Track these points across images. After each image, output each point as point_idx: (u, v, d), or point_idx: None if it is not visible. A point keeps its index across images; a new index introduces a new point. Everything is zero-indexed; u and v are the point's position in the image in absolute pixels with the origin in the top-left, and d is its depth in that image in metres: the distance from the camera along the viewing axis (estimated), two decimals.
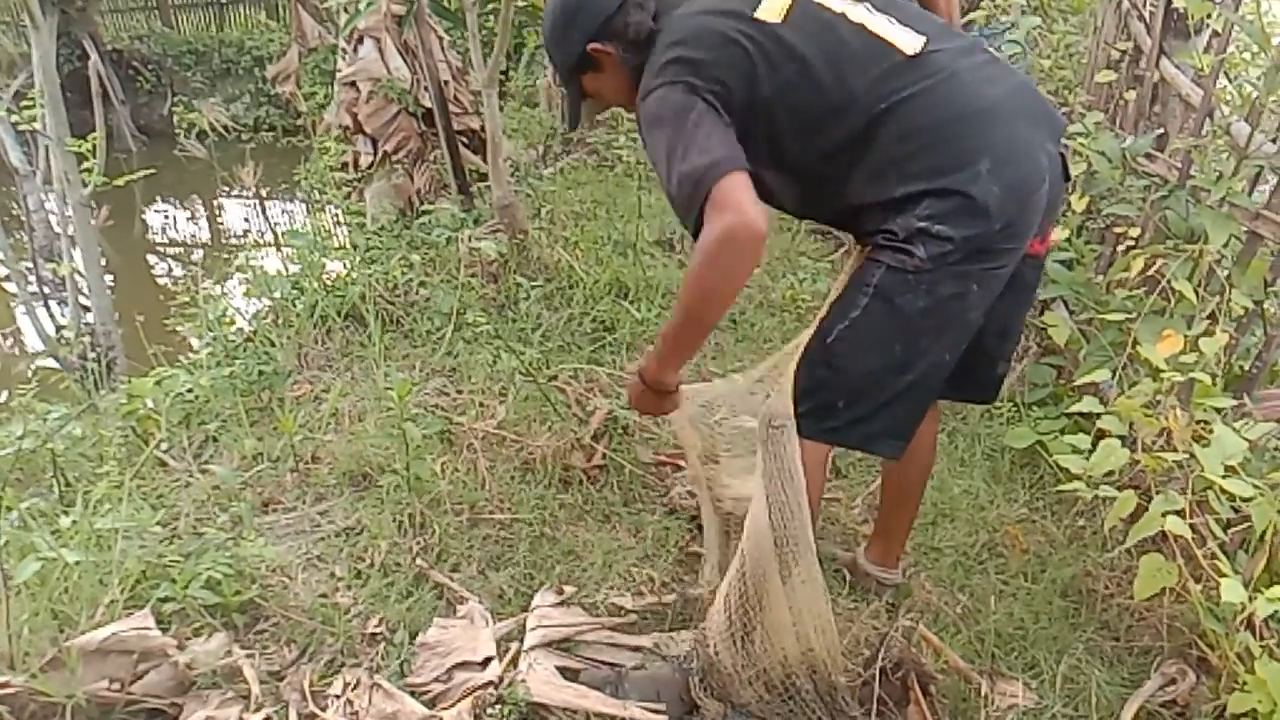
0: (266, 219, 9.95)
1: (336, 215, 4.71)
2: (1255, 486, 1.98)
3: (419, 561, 2.39)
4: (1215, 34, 2.84)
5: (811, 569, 1.87)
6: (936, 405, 2.25)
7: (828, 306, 1.85)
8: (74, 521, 2.35)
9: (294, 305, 3.61)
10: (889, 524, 2.39)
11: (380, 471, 2.71)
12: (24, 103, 4.15)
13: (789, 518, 1.81)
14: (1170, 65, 3.16)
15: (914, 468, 2.30)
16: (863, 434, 1.90)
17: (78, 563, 2.14)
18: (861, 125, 1.73)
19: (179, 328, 3.71)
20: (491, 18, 5.29)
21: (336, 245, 4.65)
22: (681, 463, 2.91)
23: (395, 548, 2.44)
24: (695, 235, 1.68)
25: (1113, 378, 2.67)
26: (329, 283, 3.81)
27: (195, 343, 3.73)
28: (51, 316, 4.37)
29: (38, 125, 4.00)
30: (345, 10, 5.27)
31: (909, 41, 1.76)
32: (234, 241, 9.90)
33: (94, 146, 3.60)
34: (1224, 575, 1.95)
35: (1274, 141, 2.61)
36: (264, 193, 9.79)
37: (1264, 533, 1.95)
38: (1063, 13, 5.13)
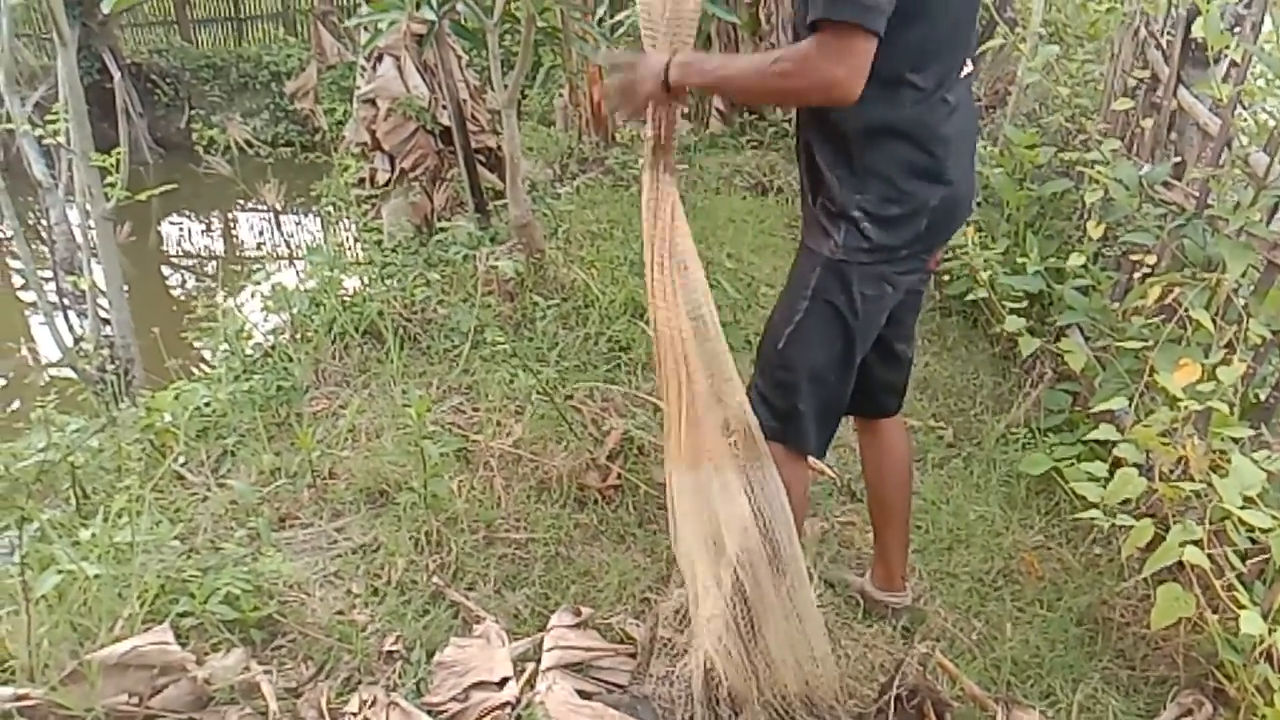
0: (283, 234, 10.01)
1: (354, 231, 4.74)
2: (1274, 517, 1.98)
3: (435, 580, 2.40)
4: (1234, 64, 2.85)
5: (806, 600, 1.90)
6: (904, 421, 2.37)
7: (772, 314, 2.01)
8: (93, 534, 2.37)
9: (312, 321, 3.63)
10: (884, 546, 2.40)
11: (397, 489, 2.72)
12: (48, 116, 4.20)
13: (781, 545, 1.85)
14: (1188, 94, 3.17)
15: (891, 486, 2.33)
16: (805, 432, 1.99)
17: (97, 576, 2.15)
18: (929, 91, 1.81)
19: (197, 343, 3.73)
20: (508, 37, 5.34)
21: (354, 261, 4.68)
22: None
23: (412, 565, 2.45)
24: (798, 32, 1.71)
25: (1130, 405, 2.67)
26: (347, 299, 3.83)
27: (211, 356, 3.75)
28: (70, 327, 4.41)
29: (61, 139, 4.04)
30: (365, 29, 5.31)
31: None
32: (250, 255, 9.96)
33: (117, 161, 3.64)
34: (1243, 607, 1.95)
35: None
36: (281, 207, 9.85)
37: None
38: (1078, 39, 5.16)
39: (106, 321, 4.11)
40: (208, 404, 3.18)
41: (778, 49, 1.80)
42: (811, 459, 2.12)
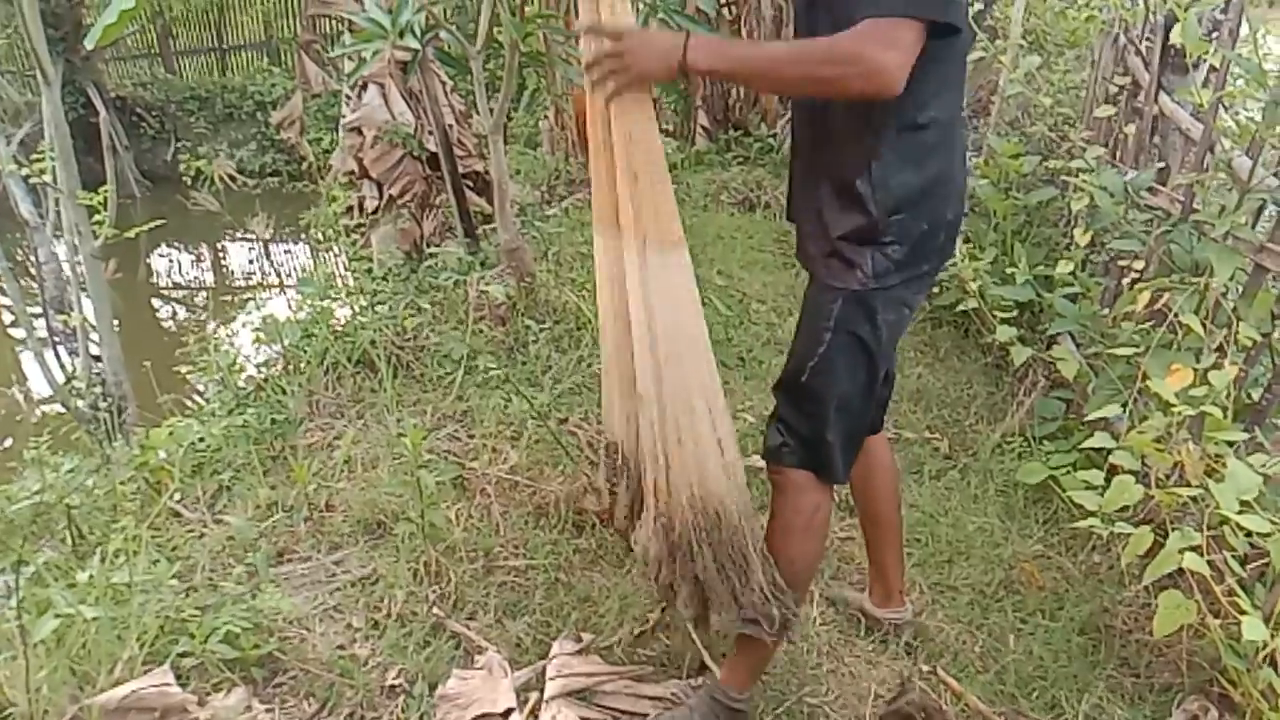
0: (273, 263, 10.00)
1: (344, 260, 4.74)
2: (1272, 522, 1.98)
3: (435, 610, 2.39)
4: (1213, 69, 2.87)
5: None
6: (884, 434, 2.35)
7: (793, 346, 1.96)
8: (91, 576, 2.35)
9: (304, 352, 3.62)
10: (879, 564, 2.39)
11: (394, 519, 2.71)
12: (34, 155, 4.20)
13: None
14: (1169, 100, 3.19)
15: (882, 500, 2.33)
16: (834, 462, 1.95)
17: (95, 619, 2.14)
18: (956, 110, 1.82)
19: (190, 378, 3.72)
20: (492, 62, 5.36)
21: (344, 289, 4.68)
22: None
23: (411, 597, 2.44)
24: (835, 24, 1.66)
25: (1123, 411, 2.68)
26: (338, 328, 3.83)
27: (203, 389, 3.74)
28: (61, 364, 4.39)
29: (48, 178, 4.04)
30: (350, 59, 5.33)
31: None
32: (241, 285, 9.95)
33: (104, 199, 3.63)
34: (1244, 613, 1.96)
35: (1275, 175, 2.64)
36: (270, 238, 9.85)
37: None
38: (1058, 46, 5.19)
39: (97, 359, 4.09)
40: (202, 440, 3.17)
41: (816, 39, 1.72)
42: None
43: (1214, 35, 3.17)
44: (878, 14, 1.58)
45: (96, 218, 3.70)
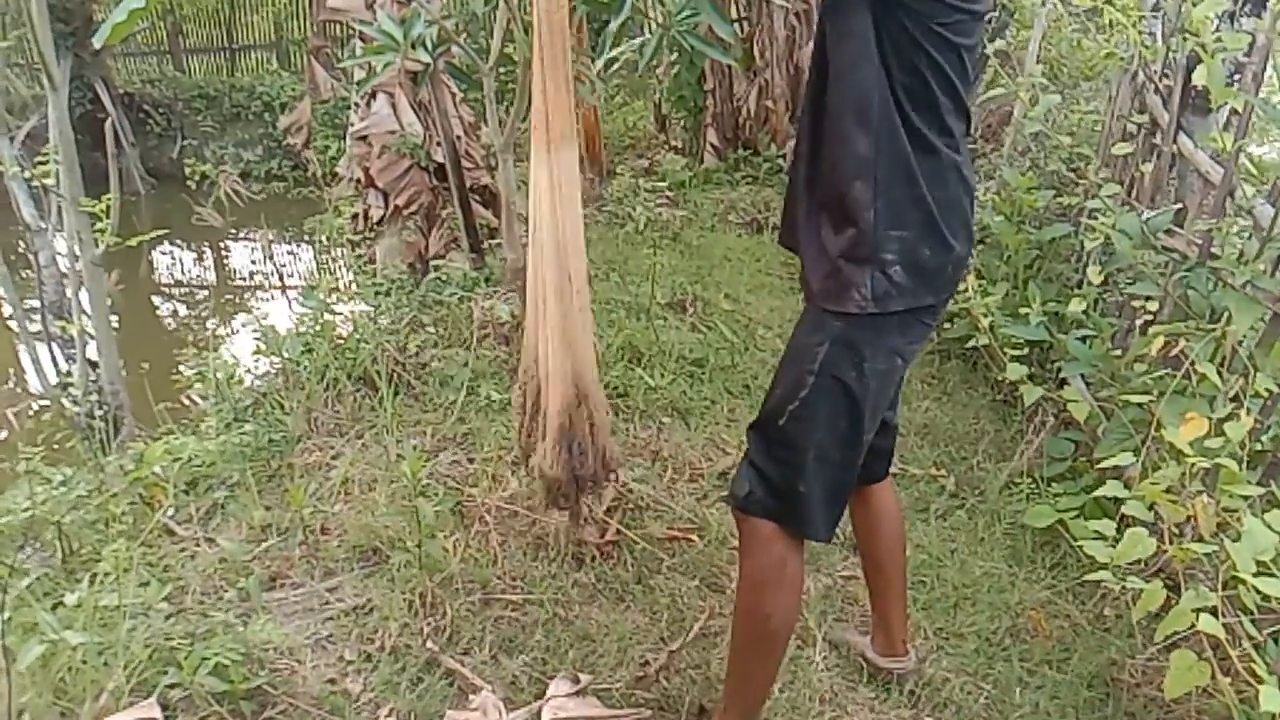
0: (276, 268, 9.96)
1: (348, 272, 4.71)
2: None
3: (430, 645, 2.34)
4: (1235, 112, 2.83)
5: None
6: (890, 480, 2.28)
7: (773, 387, 1.91)
8: (79, 599, 2.31)
9: (303, 367, 3.57)
10: (882, 611, 2.33)
11: (391, 546, 2.66)
12: (38, 157, 4.16)
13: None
14: (1188, 141, 3.15)
15: (886, 549, 2.28)
16: (808, 515, 1.89)
17: (80, 645, 2.09)
18: (954, 144, 1.78)
19: (188, 391, 3.68)
20: (504, 75, 5.33)
21: (347, 301, 4.64)
22: (694, 538, 2.87)
23: (405, 629, 2.39)
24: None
25: (1136, 459, 2.64)
26: (339, 342, 3.78)
27: (201, 401, 3.69)
28: (57, 370, 4.34)
29: (50, 181, 4.00)
30: (360, 68, 5.29)
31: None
32: (242, 285, 9.91)
33: (108, 207, 3.59)
34: (1260, 680, 1.91)
35: None
36: (274, 245, 9.82)
37: None
38: (1073, 77, 5.16)
39: (95, 364, 4.05)
40: (197, 455, 3.13)
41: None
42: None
43: (1236, 76, 3.13)
44: None
45: (99, 225, 3.66)
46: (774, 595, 1.92)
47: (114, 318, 5.69)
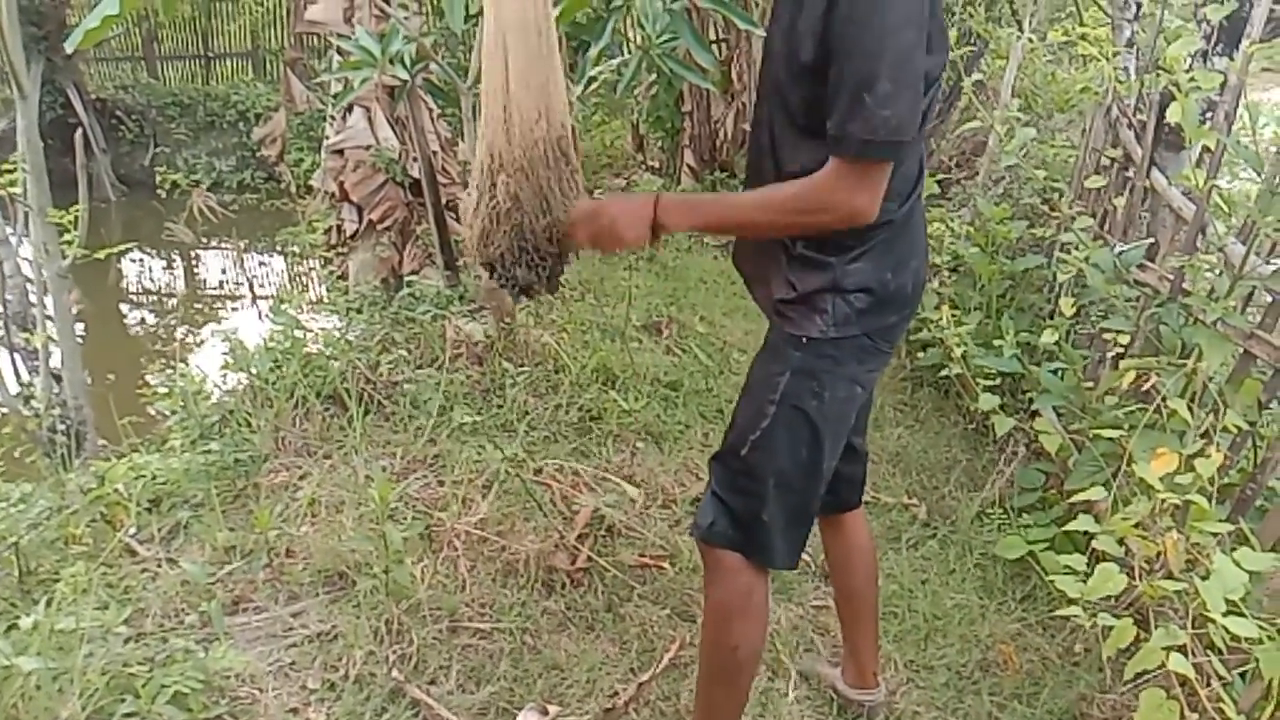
0: (249, 282, 9.86)
1: (319, 287, 4.66)
2: (1261, 627, 1.94)
3: (395, 673, 2.30)
4: (1207, 150, 2.86)
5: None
6: (862, 510, 2.28)
7: (734, 417, 1.89)
8: (35, 622, 2.24)
9: (272, 384, 3.52)
10: (854, 643, 2.32)
11: (357, 571, 2.62)
12: (4, 166, 4.09)
13: None
14: (1161, 177, 3.18)
15: (859, 579, 2.27)
16: (771, 544, 1.87)
17: (33, 672, 2.03)
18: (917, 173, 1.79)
19: (153, 405, 3.61)
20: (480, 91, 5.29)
21: (318, 316, 4.60)
22: (665, 566, 2.84)
23: (370, 657, 2.35)
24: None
25: (1106, 491, 2.64)
26: (309, 357, 3.72)
27: (168, 415, 3.62)
28: (18, 377, 4.26)
29: (17, 190, 3.93)
30: (338, 82, 5.26)
31: None
32: (212, 296, 9.80)
33: (75, 219, 3.53)
34: (1229, 719, 1.91)
35: (1268, 262, 2.62)
36: (245, 256, 9.72)
37: (1272, 681, 1.91)
38: (1046, 109, 5.22)
39: (58, 377, 3.97)
40: (161, 473, 3.07)
41: (783, 184, 1.70)
42: None
43: (1208, 115, 3.17)
44: (843, 154, 1.55)
45: (66, 236, 3.59)
46: (740, 625, 1.90)
47: (80, 326, 5.61)
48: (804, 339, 1.77)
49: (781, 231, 1.74)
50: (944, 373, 3.64)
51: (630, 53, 3.85)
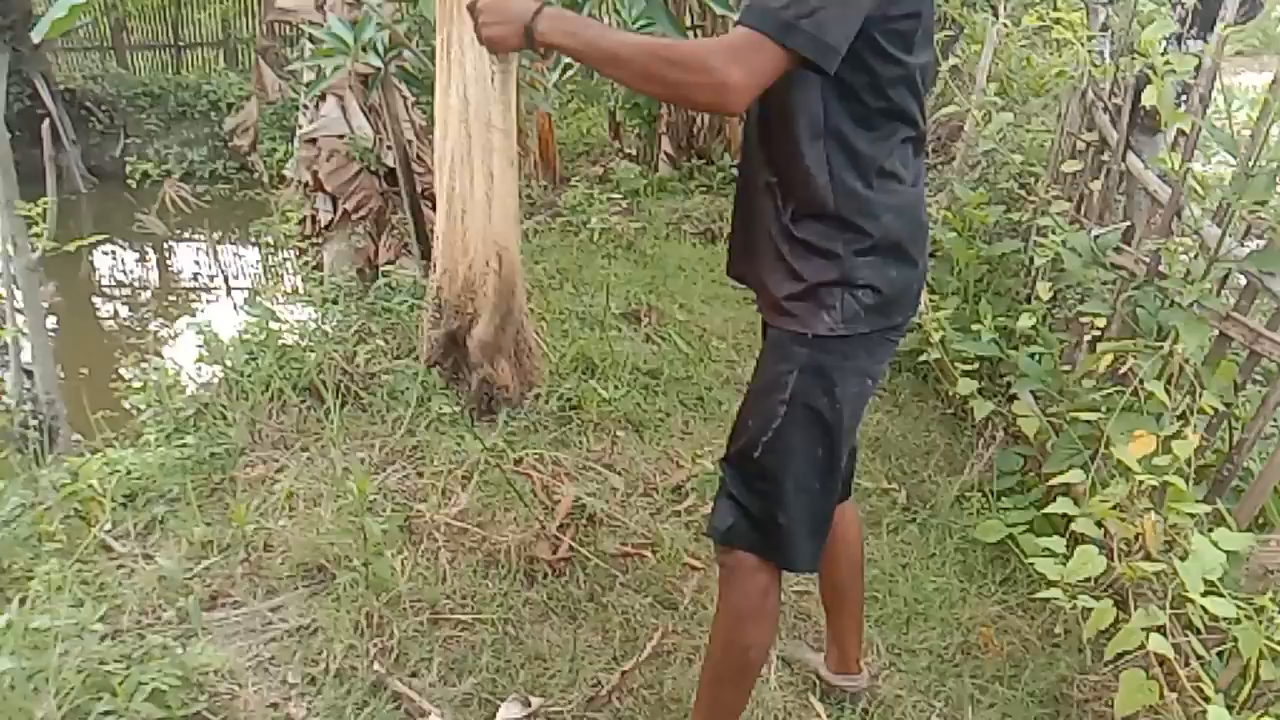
0: (222, 271, 9.75)
1: (294, 278, 4.62)
2: (1238, 607, 1.96)
3: (376, 667, 2.28)
4: (1182, 132, 2.87)
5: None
6: (852, 503, 2.28)
7: (743, 418, 1.85)
8: (9, 621, 2.21)
9: (247, 376, 3.48)
10: (838, 630, 2.33)
11: (337, 564, 2.60)
12: None
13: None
14: (1137, 161, 3.20)
15: (845, 570, 2.26)
16: (790, 546, 1.85)
17: (7, 671, 2.00)
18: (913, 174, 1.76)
19: (126, 399, 3.57)
20: None
21: (293, 307, 4.55)
22: (647, 554, 2.84)
23: (351, 650, 2.33)
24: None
25: (1085, 474, 2.66)
26: (285, 349, 3.68)
27: (142, 409, 3.58)
28: None
29: None
30: (310, 70, 5.20)
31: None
32: (186, 288, 9.70)
33: (44, 211, 3.47)
34: (1207, 699, 1.93)
35: (1243, 245, 2.64)
36: (219, 247, 9.61)
37: (1249, 660, 1.92)
38: (1022, 94, 5.23)
39: (29, 373, 3.92)
40: (136, 468, 3.03)
41: (677, 39, 1.62)
42: None
43: (1183, 99, 3.18)
44: (744, 24, 1.50)
45: (35, 229, 3.54)
46: (755, 626, 1.90)
47: (51, 319, 5.54)
48: (810, 335, 1.73)
49: (641, 82, 1.64)
50: (922, 358, 3.65)
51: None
